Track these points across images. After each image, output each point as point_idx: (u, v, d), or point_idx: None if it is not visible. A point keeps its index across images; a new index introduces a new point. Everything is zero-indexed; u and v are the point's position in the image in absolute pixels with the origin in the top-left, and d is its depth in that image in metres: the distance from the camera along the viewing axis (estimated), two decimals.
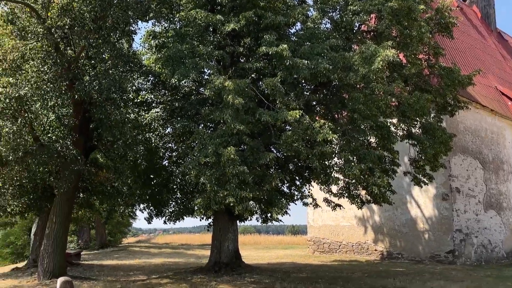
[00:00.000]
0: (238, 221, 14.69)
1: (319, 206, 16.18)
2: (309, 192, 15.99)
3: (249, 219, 14.82)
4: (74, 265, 16.30)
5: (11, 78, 9.71)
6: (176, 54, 11.09)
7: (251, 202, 10.08)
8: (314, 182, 13.91)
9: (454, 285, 11.49)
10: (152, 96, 13.92)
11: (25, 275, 14.01)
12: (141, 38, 13.59)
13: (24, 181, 13.18)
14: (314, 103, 12.62)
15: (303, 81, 11.64)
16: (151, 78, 13.65)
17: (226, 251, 13.72)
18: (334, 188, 14.67)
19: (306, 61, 10.46)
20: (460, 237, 17.32)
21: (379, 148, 12.55)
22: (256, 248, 28.36)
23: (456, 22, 14.23)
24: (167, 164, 15.37)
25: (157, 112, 13.09)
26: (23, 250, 27.31)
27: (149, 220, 16.63)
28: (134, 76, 12.50)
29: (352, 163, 10.68)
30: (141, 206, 17.17)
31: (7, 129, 10.44)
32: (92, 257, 21.63)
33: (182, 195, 15.28)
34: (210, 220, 15.26)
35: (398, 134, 13.60)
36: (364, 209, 17.11)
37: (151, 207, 16.06)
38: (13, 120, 10.63)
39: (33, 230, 17.61)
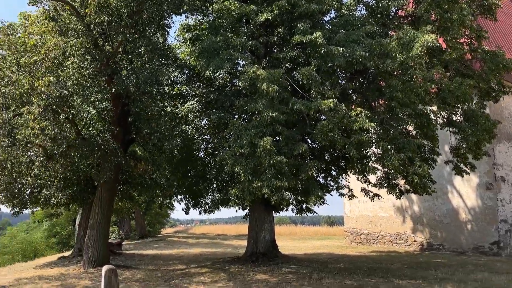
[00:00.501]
0: (274, 212, 14.72)
1: (356, 197, 15.96)
2: (345, 182, 15.79)
3: (285, 209, 14.87)
4: (116, 254, 16.88)
5: (52, 77, 10.04)
6: (210, 46, 11.15)
7: (286, 192, 10.05)
8: (350, 172, 13.72)
9: (500, 277, 11.06)
10: (188, 89, 14.10)
11: (71, 264, 14.63)
12: (175, 32, 13.79)
13: (68, 174, 13.73)
14: (350, 91, 12.38)
15: (338, 70, 11.43)
16: (186, 71, 13.83)
17: (263, 242, 13.79)
18: (371, 178, 14.44)
19: (341, 49, 10.26)
20: (506, 228, 16.64)
21: (418, 137, 12.20)
22: (292, 238, 28.39)
23: (499, 3, 13.55)
24: (203, 155, 15.58)
25: (193, 104, 13.25)
26: (68, 240, 28.59)
27: (186, 211, 16.96)
28: (170, 69, 12.68)
29: (390, 153, 10.44)
30: (179, 197, 17.55)
31: (50, 125, 10.86)
32: (133, 247, 22.32)
33: (218, 186, 15.45)
34: (246, 211, 15.40)
35: (438, 122, 13.16)
36: (402, 199, 16.75)
37: (188, 198, 16.37)
38: (56, 116, 11.06)
39: (77, 220, 18.34)
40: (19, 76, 9.78)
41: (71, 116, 11.59)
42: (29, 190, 14.63)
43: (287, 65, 11.39)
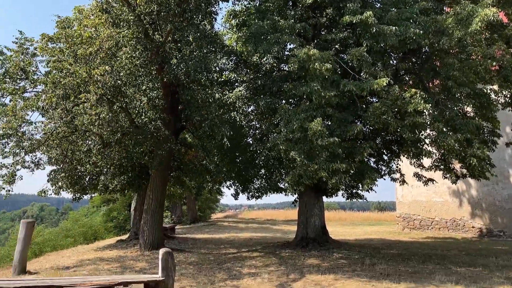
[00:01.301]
0: (323, 197, 14.59)
1: (406, 183, 15.46)
2: (397, 167, 15.32)
3: (335, 195, 14.69)
4: (170, 238, 17.47)
5: (107, 66, 10.44)
6: (258, 30, 11.07)
7: (343, 175, 9.89)
8: (403, 156, 13.27)
9: None
10: (235, 75, 14.15)
11: (128, 247, 15.30)
12: (222, 18, 13.80)
13: (122, 161, 14.31)
14: (402, 72, 11.90)
15: (390, 50, 11.00)
16: (233, 58, 13.86)
17: (313, 227, 13.73)
18: (425, 163, 13.91)
19: (393, 28, 9.84)
20: None
21: (477, 118, 11.56)
22: (342, 224, 28.09)
23: None
24: (251, 141, 15.66)
25: (240, 91, 13.29)
26: (124, 224, 29.90)
27: (235, 196, 17.19)
28: (218, 57, 12.74)
29: (447, 134, 9.96)
30: (228, 183, 17.82)
31: (105, 113, 11.31)
32: (185, 231, 23.01)
33: (267, 172, 15.50)
34: (295, 196, 15.38)
35: (499, 102, 12.39)
36: (459, 183, 16.03)
37: (237, 184, 16.57)
38: (111, 105, 11.50)
39: (133, 205, 19.11)
40: (76, 67, 10.22)
41: (124, 104, 12.01)
42: (88, 176, 15.41)
43: (336, 46, 11.09)
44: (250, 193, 16.11)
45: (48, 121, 12.39)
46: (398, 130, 9.93)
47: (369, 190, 11.58)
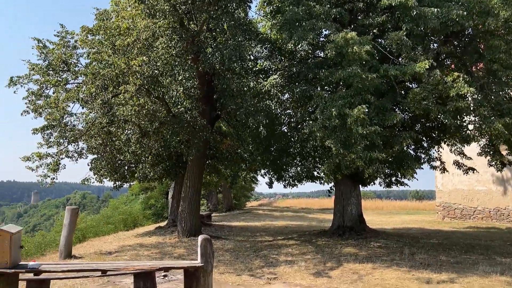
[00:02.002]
0: (360, 186, 14.37)
1: (447, 171, 14.96)
2: (438, 154, 14.84)
3: (372, 183, 14.44)
4: (207, 225, 17.76)
5: (145, 57, 10.61)
6: (292, 17, 10.90)
7: (380, 164, 9.67)
8: (444, 143, 12.83)
9: None
10: (270, 63, 14.05)
11: (166, 233, 15.69)
12: (256, 6, 13.67)
13: (160, 150, 14.59)
14: (444, 56, 11.45)
15: (431, 33, 10.58)
16: (268, 45, 13.74)
17: (350, 215, 13.57)
18: (467, 150, 13.41)
19: (435, 9, 9.44)
20: None
21: None
22: (378, 213, 27.65)
23: None
24: (286, 130, 15.57)
25: (275, 78, 13.20)
26: (162, 211, 30.64)
27: (270, 184, 17.19)
28: (252, 45, 12.68)
29: (493, 118, 9.52)
30: (262, 171, 17.85)
31: (144, 104, 11.52)
32: (221, 218, 23.32)
33: (302, 160, 15.40)
34: (331, 184, 15.22)
35: None
36: (504, 171, 15.35)
37: (272, 172, 16.56)
38: (149, 95, 11.71)
39: (170, 193, 19.52)
40: (115, 58, 10.44)
41: (161, 94, 12.20)
42: (127, 165, 15.84)
43: (374, 31, 10.78)
44: (286, 182, 16.06)
45: (88, 112, 12.78)
46: (440, 116, 9.57)
47: (411, 179, 11.27)
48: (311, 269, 8.98)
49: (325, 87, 12.85)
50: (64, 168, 12.57)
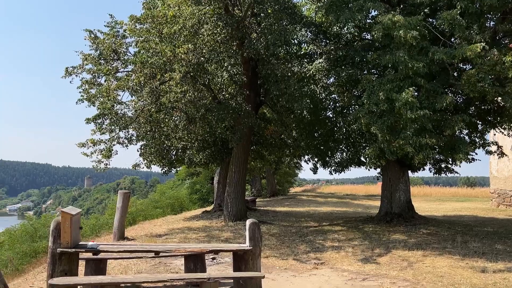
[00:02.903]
0: (409, 171, 13.97)
1: (506, 155, 14.18)
2: (493, 138, 14.11)
3: (421, 169, 14.00)
4: (252, 210, 17.97)
5: (190, 44, 10.75)
6: None
7: (431, 150, 9.33)
8: (501, 126, 12.16)
9: None
10: (314, 47, 13.81)
11: (213, 218, 16.03)
12: None
13: (206, 136, 14.86)
14: (501, 34, 10.77)
15: (488, 10, 9.95)
16: (313, 29, 13.50)
17: (398, 202, 13.25)
18: None
19: None
20: None
21: None
22: (426, 200, 26.83)
23: None
24: (331, 115, 15.35)
25: (320, 62, 12.98)
26: (207, 196, 31.32)
27: (314, 170, 17.10)
28: (297, 28, 12.51)
29: None
30: (306, 157, 17.75)
31: (190, 89, 11.73)
32: (266, 203, 23.51)
33: (347, 146, 15.16)
34: (378, 170, 14.91)
35: None
36: None
37: (316, 158, 16.43)
38: (194, 82, 11.90)
39: (216, 179, 19.88)
40: (162, 46, 10.66)
41: (207, 81, 12.36)
42: (175, 151, 16.27)
43: (425, 10, 10.29)
44: (331, 167, 15.89)
45: (137, 100, 13.19)
46: (498, 98, 9.06)
47: (465, 160, 10.75)
48: (359, 255, 8.89)
49: (372, 71, 12.50)
50: (116, 154, 13.12)
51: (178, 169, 24.67)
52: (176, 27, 10.45)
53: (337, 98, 14.78)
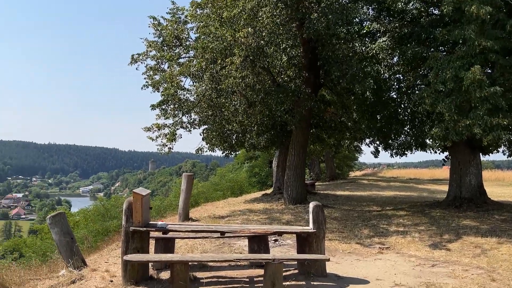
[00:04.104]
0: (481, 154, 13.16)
1: None
2: None
3: (495, 151, 13.13)
4: (311, 193, 17.88)
5: (250, 28, 10.73)
6: None
7: (503, 131, 8.70)
8: None
9: None
10: (377, 25, 13.25)
11: (273, 200, 16.17)
12: None
13: (265, 120, 14.89)
14: None
15: None
16: (375, 6, 12.95)
17: (468, 186, 12.55)
18: None
19: None
20: None
21: None
22: (499, 184, 25.18)
23: None
24: (395, 95, 14.75)
25: (384, 41, 12.45)
26: (266, 179, 31.61)
27: (375, 154, 16.63)
28: (358, 6, 12.06)
29: None
30: (367, 140, 17.28)
31: (250, 74, 11.75)
32: (325, 187, 23.30)
33: (412, 127, 14.52)
34: (445, 153, 14.18)
35: None
36: None
37: (377, 141, 15.94)
38: (253, 66, 11.90)
39: (274, 162, 19.96)
40: (222, 31, 10.74)
41: (266, 65, 12.32)
42: (235, 135, 16.51)
43: None
44: (394, 150, 15.34)
45: (199, 85, 13.48)
46: None
47: None
48: (426, 240, 8.56)
49: (440, 48, 11.81)
50: (180, 137, 13.54)
51: (237, 152, 25.05)
52: (235, 11, 10.47)
53: (401, 77, 14.18)
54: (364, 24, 13.48)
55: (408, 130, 14.76)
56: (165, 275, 6.07)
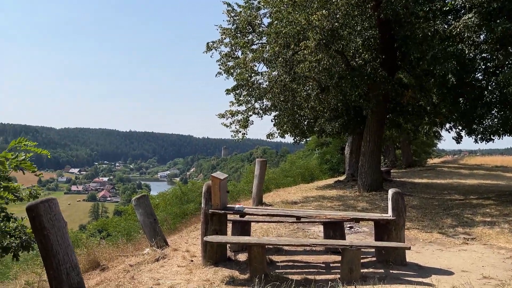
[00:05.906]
0: None
1: None
2: None
3: None
4: (387, 181, 17.26)
5: (324, 10, 10.48)
6: None
7: None
8: None
9: None
10: (462, 1, 12.28)
11: (346, 187, 15.87)
12: None
13: (338, 105, 14.57)
14: None
15: None
16: None
17: None
18: None
19: None
20: None
21: None
22: None
23: None
24: (480, 77, 13.67)
25: (470, 18, 11.52)
26: (338, 166, 31.06)
27: (457, 140, 15.69)
28: None
29: None
30: (447, 125, 16.29)
31: (324, 57, 11.51)
32: (401, 175, 22.37)
33: (500, 111, 13.36)
34: None
35: None
36: None
37: (460, 126, 14.94)
38: (328, 49, 11.63)
39: (347, 148, 19.53)
40: (295, 15, 10.61)
41: (340, 48, 11.99)
42: (307, 121, 16.37)
43: None
44: (479, 136, 14.27)
45: (271, 70, 13.50)
46: None
47: None
48: None
49: None
50: (252, 124, 13.73)
51: (308, 139, 24.85)
52: None
53: (488, 57, 13.07)
54: (447, 1, 12.59)
55: (496, 114, 13.66)
56: (241, 257, 6.24)
